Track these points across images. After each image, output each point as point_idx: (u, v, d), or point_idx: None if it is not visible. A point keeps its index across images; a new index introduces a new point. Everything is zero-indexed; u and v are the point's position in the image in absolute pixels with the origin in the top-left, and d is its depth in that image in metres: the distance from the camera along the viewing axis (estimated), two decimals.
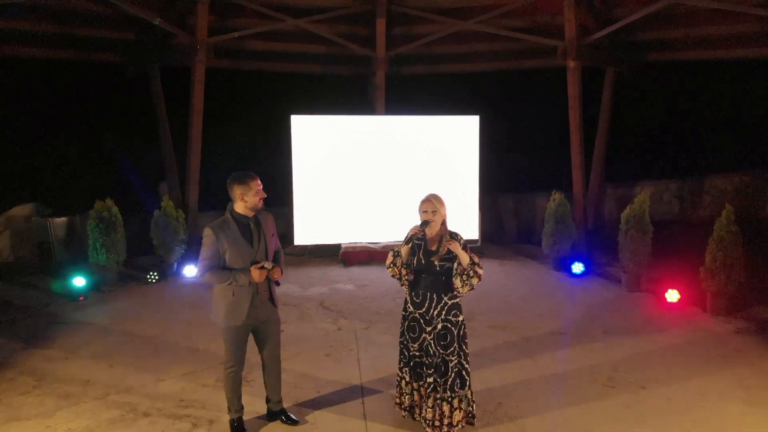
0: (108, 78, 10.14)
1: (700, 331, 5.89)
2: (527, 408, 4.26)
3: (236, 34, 8.41)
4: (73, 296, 6.98)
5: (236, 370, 3.86)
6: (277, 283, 3.90)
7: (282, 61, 9.83)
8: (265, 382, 4.08)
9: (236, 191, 3.70)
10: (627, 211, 7.23)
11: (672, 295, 6.69)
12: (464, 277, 3.73)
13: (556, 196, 8.08)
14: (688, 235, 9.42)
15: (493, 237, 10.25)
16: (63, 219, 9.11)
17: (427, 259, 3.76)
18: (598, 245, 9.00)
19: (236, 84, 11.61)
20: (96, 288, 7.25)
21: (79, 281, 7.00)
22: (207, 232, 3.69)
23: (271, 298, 3.86)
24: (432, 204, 3.75)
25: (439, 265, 3.75)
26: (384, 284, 7.46)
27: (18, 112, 10.48)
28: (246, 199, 3.71)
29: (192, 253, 8.30)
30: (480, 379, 4.70)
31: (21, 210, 9.04)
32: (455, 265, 3.75)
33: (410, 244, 3.77)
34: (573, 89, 8.24)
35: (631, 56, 9.00)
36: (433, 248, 3.77)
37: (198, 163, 8.55)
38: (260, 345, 3.95)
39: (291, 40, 9.42)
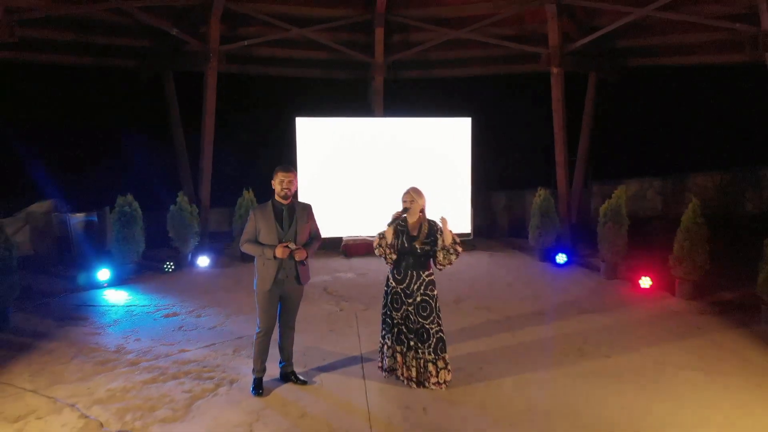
0: (124, 82, 10.78)
1: (666, 311, 6.53)
2: (504, 371, 4.92)
3: (245, 43, 9.05)
4: (97, 283, 7.62)
5: (264, 335, 4.54)
6: (302, 263, 4.55)
7: (287, 66, 10.47)
8: (279, 347, 4.74)
9: (273, 180, 4.45)
10: (605, 205, 7.86)
11: (645, 282, 7.33)
12: (445, 252, 4.43)
13: (541, 192, 8.73)
14: (669, 230, 10.06)
15: (487, 231, 10.87)
16: (82, 214, 9.72)
17: (410, 243, 4.46)
18: (583, 238, 9.62)
19: (244, 88, 12.24)
20: (118, 276, 7.88)
21: (102, 269, 7.64)
22: (251, 213, 4.52)
23: (297, 277, 4.52)
24: (410, 195, 4.48)
25: (420, 248, 4.44)
26: (381, 273, 8.03)
27: (41, 114, 11.13)
28: (274, 187, 4.44)
29: (206, 245, 8.95)
30: (465, 349, 5.36)
31: (40, 206, 9.62)
32: (439, 241, 4.42)
33: (393, 227, 4.48)
34: (557, 93, 8.88)
35: (612, 62, 9.65)
36: (414, 234, 4.48)
37: (210, 162, 9.18)
38: (280, 312, 4.63)
39: (295, 46, 10.05)
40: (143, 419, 4.26)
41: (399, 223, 4.51)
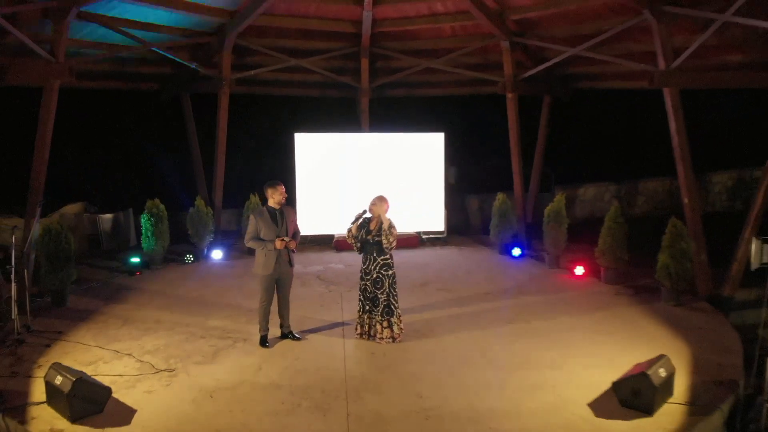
0: (148, 103, 12.49)
1: (589, 293, 8.18)
2: (447, 330, 6.62)
3: (253, 72, 10.73)
4: (131, 272, 9.27)
5: (266, 304, 6.23)
6: (292, 251, 6.23)
7: (287, 87, 12.15)
8: (279, 314, 6.42)
9: (268, 192, 6.11)
10: (549, 208, 9.50)
11: (578, 270, 8.98)
12: (384, 234, 6.11)
13: (500, 197, 10.38)
14: None
15: (461, 230, 12.49)
16: (109, 215, 11.33)
17: (367, 236, 6.19)
18: (539, 236, 11.25)
19: (250, 105, 13.91)
20: (147, 266, 9.52)
21: (135, 259, 9.30)
22: (250, 217, 6.16)
23: (290, 261, 6.19)
24: (373, 201, 6.18)
25: (372, 239, 6.16)
26: None
27: (75, 129, 12.81)
28: (273, 197, 6.10)
29: (218, 241, 10.60)
30: (422, 317, 7.05)
31: (72, 208, 11.13)
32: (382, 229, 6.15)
33: (357, 224, 6.20)
34: (511, 114, 10.53)
35: (564, 85, 11.32)
36: (371, 228, 6.20)
37: (223, 170, 10.82)
38: (278, 288, 6.30)
39: (294, 71, 11.68)
40: (183, 362, 5.95)
41: (365, 220, 6.21)
